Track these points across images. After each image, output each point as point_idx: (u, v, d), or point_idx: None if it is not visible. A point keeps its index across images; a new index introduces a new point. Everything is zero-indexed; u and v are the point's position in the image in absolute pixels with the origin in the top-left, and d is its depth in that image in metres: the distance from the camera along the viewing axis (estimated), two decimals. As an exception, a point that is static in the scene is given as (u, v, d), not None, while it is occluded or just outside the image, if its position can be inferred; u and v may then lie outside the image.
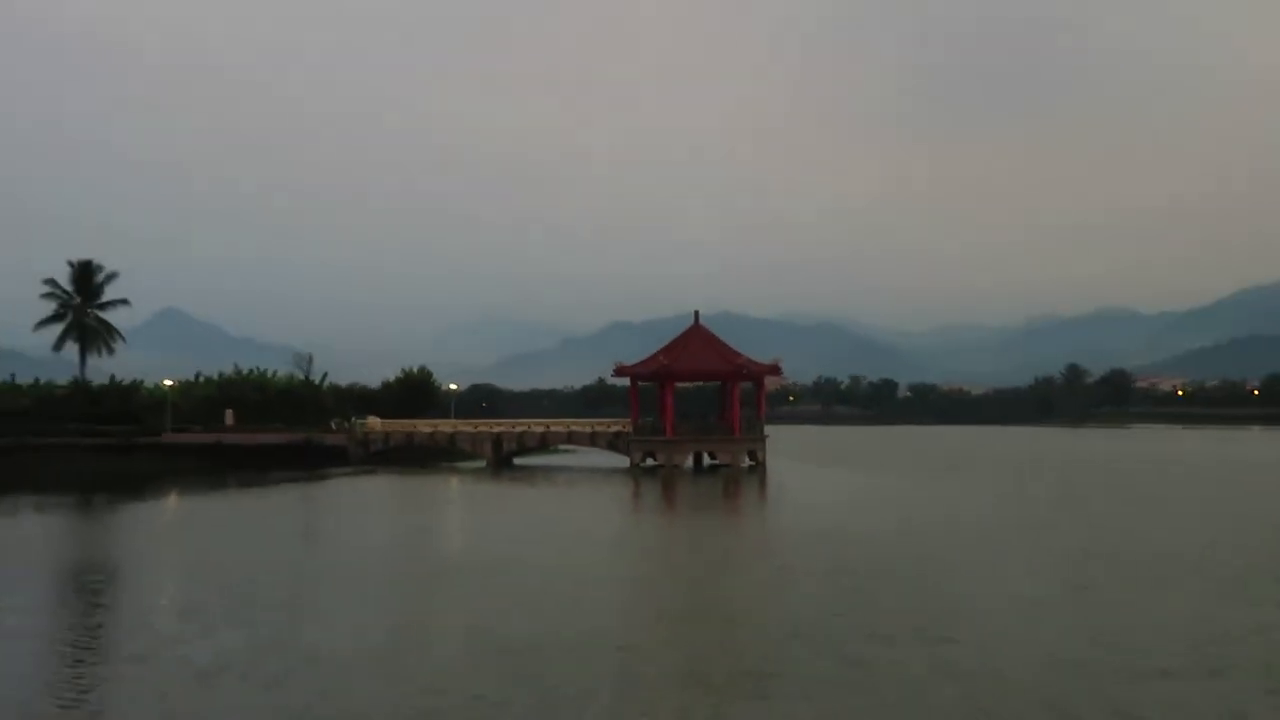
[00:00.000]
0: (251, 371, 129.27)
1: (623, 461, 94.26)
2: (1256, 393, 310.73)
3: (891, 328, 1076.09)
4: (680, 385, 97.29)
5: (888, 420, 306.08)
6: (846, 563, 38.49)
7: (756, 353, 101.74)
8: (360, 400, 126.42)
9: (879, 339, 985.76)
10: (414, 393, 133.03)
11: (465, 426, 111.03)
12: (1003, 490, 74.10)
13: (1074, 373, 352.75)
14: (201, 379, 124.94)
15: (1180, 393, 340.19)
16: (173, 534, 53.32)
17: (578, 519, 57.64)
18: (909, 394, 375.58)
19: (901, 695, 20.59)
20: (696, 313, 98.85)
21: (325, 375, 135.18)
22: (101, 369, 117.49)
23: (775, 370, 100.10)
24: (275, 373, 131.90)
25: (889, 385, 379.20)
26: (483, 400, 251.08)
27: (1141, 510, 59.66)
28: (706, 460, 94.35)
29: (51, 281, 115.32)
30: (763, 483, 79.04)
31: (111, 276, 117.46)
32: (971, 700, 20.21)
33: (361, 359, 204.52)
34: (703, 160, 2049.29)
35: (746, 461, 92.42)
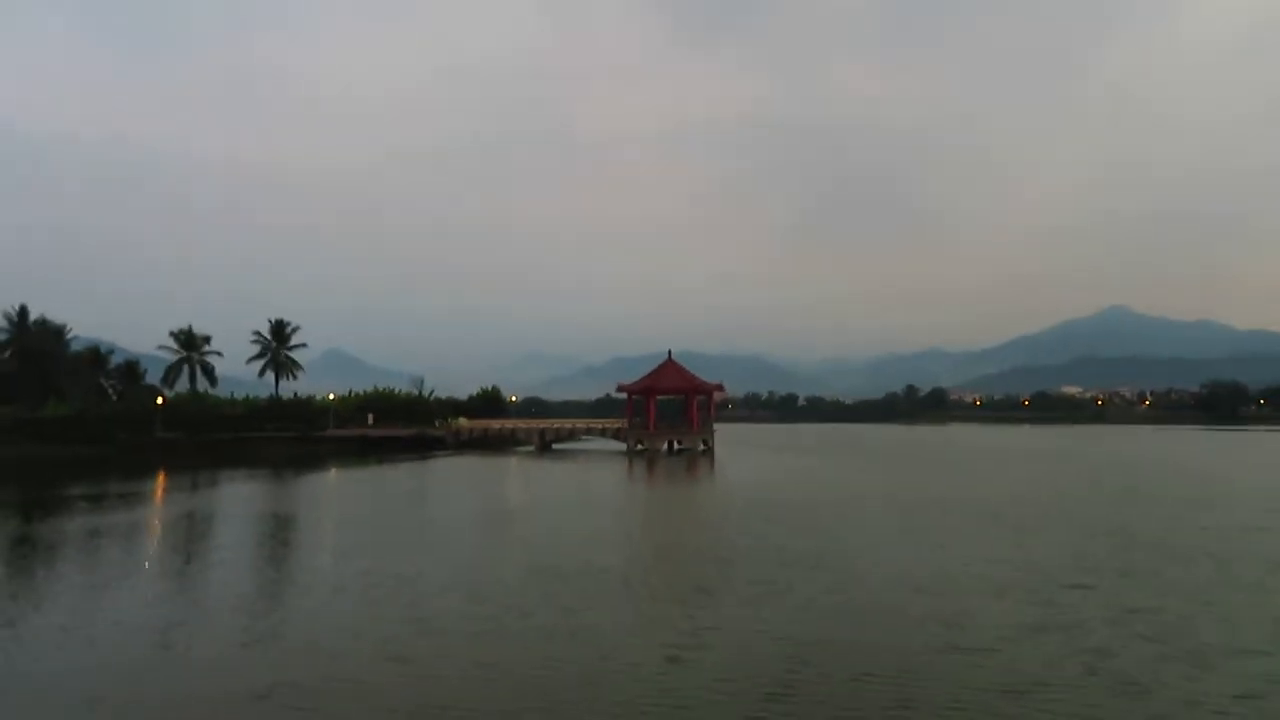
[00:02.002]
0: (384, 389, 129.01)
1: (621, 447, 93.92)
2: (1027, 403, 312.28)
3: (794, 360, 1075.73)
4: (659, 397, 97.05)
5: (792, 420, 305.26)
6: (764, 511, 38.15)
7: (707, 376, 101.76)
8: (454, 407, 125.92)
9: (786, 367, 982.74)
10: (488, 402, 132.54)
11: (521, 424, 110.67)
12: (866, 462, 74.03)
13: (910, 390, 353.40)
14: (352, 394, 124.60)
15: (977, 403, 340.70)
16: (331, 494, 52.98)
17: (592, 483, 57.31)
18: (805, 403, 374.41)
19: (797, 603, 20.22)
20: (669, 351, 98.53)
21: (432, 391, 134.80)
22: (289, 389, 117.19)
23: (719, 388, 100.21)
24: (398, 390, 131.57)
25: (792, 397, 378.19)
26: (532, 407, 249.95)
27: (955, 475, 59.62)
28: (676, 446, 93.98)
29: (258, 332, 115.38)
30: (711, 460, 78.63)
31: (296, 329, 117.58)
32: (842, 606, 19.89)
33: (452, 380, 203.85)
34: (683, 255, 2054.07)
35: (701, 447, 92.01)
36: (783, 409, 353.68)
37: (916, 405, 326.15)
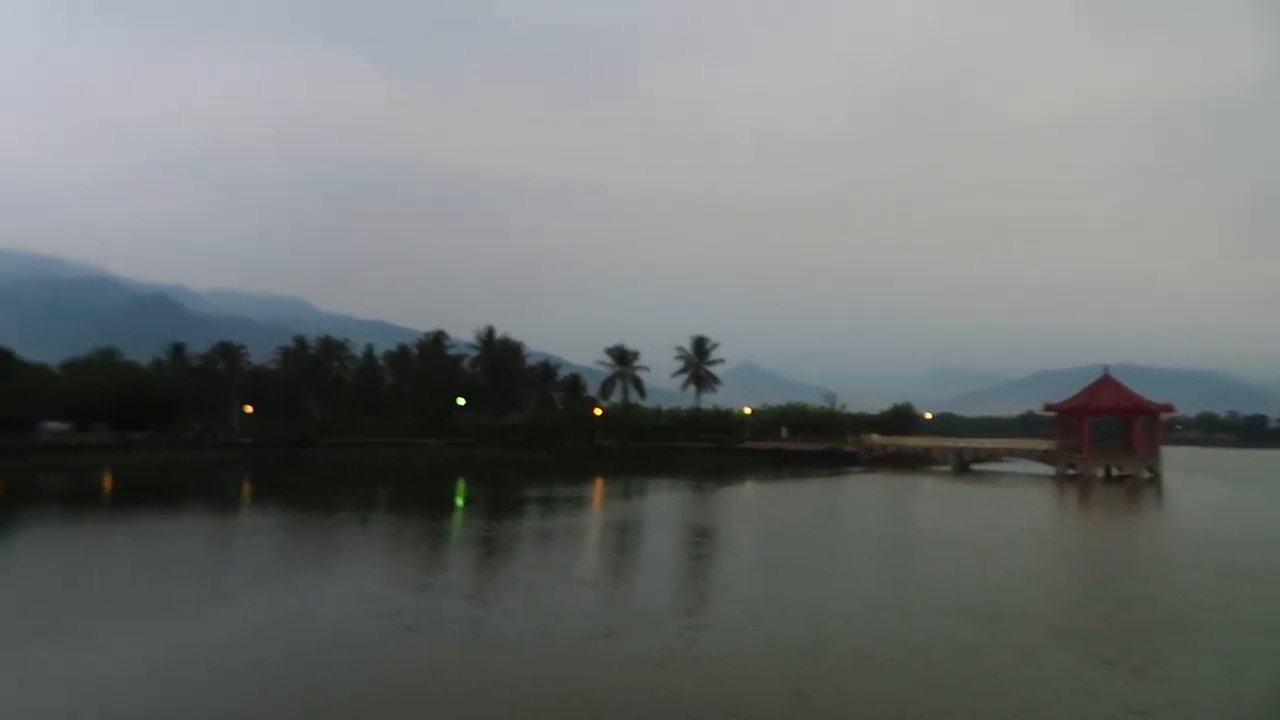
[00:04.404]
0: (796, 403, 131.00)
1: (1049, 471, 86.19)
2: None
3: (1264, 375, 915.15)
4: (1093, 418, 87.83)
5: (1259, 446, 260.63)
6: (1230, 559, 32.21)
7: (1151, 393, 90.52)
8: (865, 423, 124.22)
9: (1252, 384, 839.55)
10: (900, 418, 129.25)
11: (936, 442, 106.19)
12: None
13: None
14: (766, 408, 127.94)
15: None
16: (747, 508, 54.37)
17: (1016, 511, 53.04)
18: (1277, 425, 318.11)
19: (1261, 685, 16.72)
20: (1106, 367, 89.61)
21: (844, 405, 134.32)
22: (707, 401, 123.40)
23: (1168, 409, 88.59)
24: (810, 404, 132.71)
25: (1259, 419, 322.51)
26: (947, 424, 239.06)
27: None
28: (1114, 472, 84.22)
29: (680, 348, 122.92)
30: (1159, 491, 69.04)
31: (715, 345, 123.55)
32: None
33: (862, 394, 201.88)
34: (1104, 254, 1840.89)
35: (1145, 474, 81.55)
36: (1247, 433, 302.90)
37: None
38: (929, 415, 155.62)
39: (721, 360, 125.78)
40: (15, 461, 66.75)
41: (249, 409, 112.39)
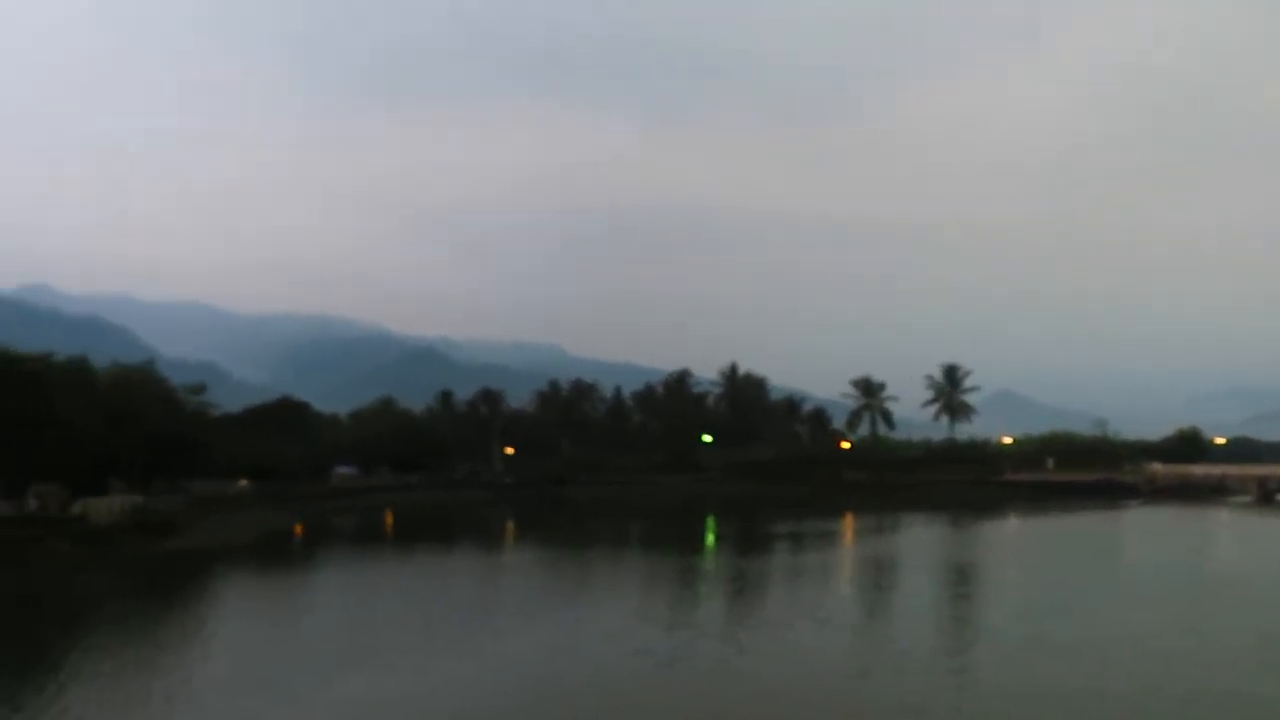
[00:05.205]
0: (1061, 431, 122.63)
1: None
2: None
3: None
4: None
5: None
6: None
7: None
8: (1143, 450, 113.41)
9: None
10: (1186, 444, 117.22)
11: (1231, 470, 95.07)
12: None
13: None
14: (1026, 437, 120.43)
15: None
16: (1011, 544, 51.19)
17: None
18: None
19: None
20: None
21: (1117, 432, 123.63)
22: (962, 431, 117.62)
23: None
24: (1077, 431, 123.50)
25: None
26: (1242, 449, 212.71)
27: None
28: None
29: (930, 377, 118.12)
30: None
31: (967, 373, 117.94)
32: None
33: (1137, 418, 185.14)
34: None
35: None
36: None
37: None
38: (1221, 440, 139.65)
39: (976, 388, 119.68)
40: (315, 506, 74.22)
41: (509, 450, 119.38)
